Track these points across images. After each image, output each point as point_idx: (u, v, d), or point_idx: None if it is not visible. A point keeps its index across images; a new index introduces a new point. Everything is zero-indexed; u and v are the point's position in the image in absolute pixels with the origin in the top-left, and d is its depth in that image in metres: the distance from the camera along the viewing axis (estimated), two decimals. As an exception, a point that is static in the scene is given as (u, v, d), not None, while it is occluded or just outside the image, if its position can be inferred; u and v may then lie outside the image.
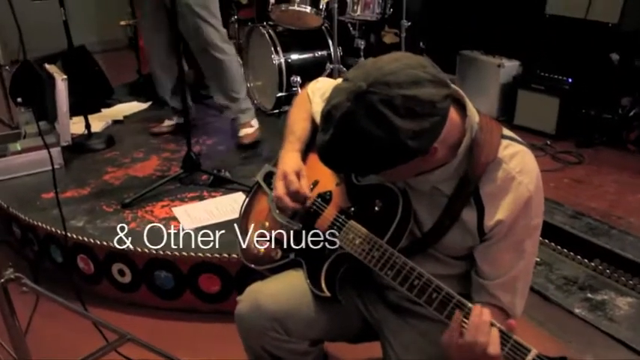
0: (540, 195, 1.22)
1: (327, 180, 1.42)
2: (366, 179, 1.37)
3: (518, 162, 1.19)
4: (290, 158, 1.43)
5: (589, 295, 2.24)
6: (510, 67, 3.63)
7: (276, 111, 3.71)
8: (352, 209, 1.35)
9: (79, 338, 2.05)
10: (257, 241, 1.48)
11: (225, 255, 2.13)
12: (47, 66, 3.32)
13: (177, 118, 3.40)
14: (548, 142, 3.29)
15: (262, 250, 1.47)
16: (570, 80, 3.34)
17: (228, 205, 2.48)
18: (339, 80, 1.17)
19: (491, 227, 1.19)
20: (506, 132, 1.26)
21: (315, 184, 1.43)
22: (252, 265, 1.48)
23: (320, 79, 1.58)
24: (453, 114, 1.14)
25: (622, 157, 3.17)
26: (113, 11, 5.45)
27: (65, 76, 3.04)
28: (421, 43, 3.92)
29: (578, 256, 2.41)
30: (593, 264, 2.36)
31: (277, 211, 1.43)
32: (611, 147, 3.28)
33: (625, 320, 2.10)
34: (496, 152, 1.19)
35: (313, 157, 1.46)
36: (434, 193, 1.24)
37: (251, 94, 3.85)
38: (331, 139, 1.08)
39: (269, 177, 1.54)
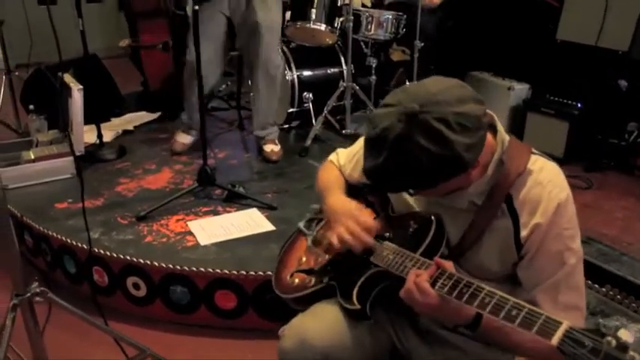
0: (571, 206, 1.24)
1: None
2: (399, 210, 1.41)
3: (547, 173, 1.24)
4: (344, 200, 1.49)
5: (600, 320, 2.26)
6: (520, 89, 3.67)
7: (287, 126, 3.74)
8: (388, 234, 1.39)
9: (94, 351, 2.07)
10: (293, 273, 1.53)
11: (243, 272, 2.14)
12: (62, 75, 3.33)
13: (196, 134, 3.33)
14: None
15: (297, 280, 1.51)
16: (580, 105, 3.38)
17: (244, 221, 2.50)
18: (359, 144, 1.26)
19: (527, 237, 1.22)
20: (535, 150, 1.31)
21: None
22: (286, 295, 1.50)
23: (338, 150, 1.69)
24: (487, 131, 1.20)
25: (629, 182, 3.22)
26: (117, 17, 5.46)
27: (81, 87, 3.07)
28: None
29: (589, 282, 2.44)
30: (604, 289, 2.39)
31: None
32: (619, 171, 3.32)
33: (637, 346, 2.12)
34: (526, 165, 1.24)
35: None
36: (469, 207, 1.28)
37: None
38: (386, 161, 1.12)
39: (310, 222, 1.64)
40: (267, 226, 2.47)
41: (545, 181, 1.22)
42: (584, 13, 3.35)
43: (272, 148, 3.29)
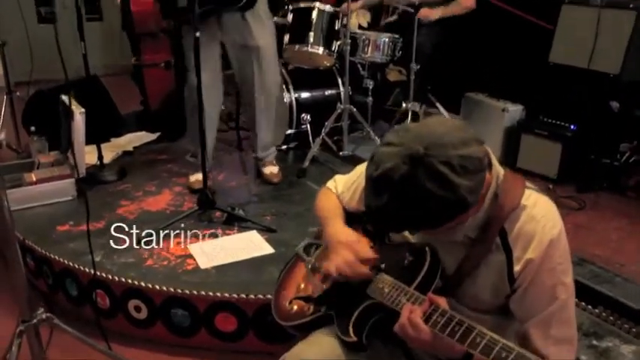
0: (564, 241, 1.27)
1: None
2: (394, 239, 1.45)
3: (541, 208, 1.26)
4: (344, 230, 1.52)
5: (594, 342, 2.29)
6: (514, 111, 3.74)
7: (284, 147, 3.79)
8: (383, 265, 1.42)
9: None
10: (292, 300, 1.57)
11: (243, 295, 2.18)
12: (64, 97, 3.38)
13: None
14: (550, 187, 3.38)
15: (295, 307, 1.55)
16: (573, 127, 3.44)
17: (243, 244, 2.54)
18: (362, 167, 1.31)
19: (520, 271, 1.25)
20: (530, 184, 1.33)
21: None
22: (284, 323, 1.54)
23: (336, 176, 1.72)
24: None
25: (622, 203, 3.26)
26: (116, 35, 5.50)
27: (83, 110, 3.11)
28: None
29: (583, 303, 2.48)
30: (597, 311, 2.43)
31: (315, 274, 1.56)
32: (612, 192, 3.37)
33: (629, 368, 2.16)
34: (520, 199, 1.26)
35: None
36: (463, 240, 1.31)
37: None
38: (390, 202, 1.14)
39: (308, 247, 1.68)
40: (267, 249, 2.52)
41: (539, 217, 1.25)
42: (575, 36, 3.42)
43: (271, 170, 3.33)
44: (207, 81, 2.84)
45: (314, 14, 3.39)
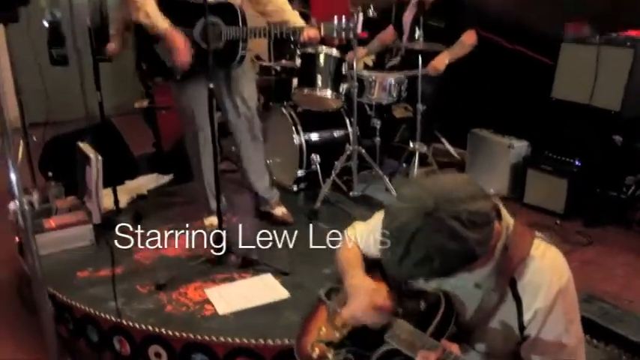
0: (572, 291, 1.35)
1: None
2: (411, 284, 1.52)
3: (549, 259, 1.34)
4: (364, 279, 1.59)
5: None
6: (520, 147, 3.81)
7: (295, 188, 3.88)
8: (400, 310, 1.49)
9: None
10: (313, 344, 1.63)
11: (261, 341, 2.23)
12: (81, 145, 3.48)
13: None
14: (558, 222, 3.44)
15: (317, 351, 1.61)
16: (577, 162, 3.51)
17: (259, 288, 2.60)
18: (380, 215, 1.37)
19: (529, 320, 1.32)
20: (539, 234, 1.41)
21: None
22: None
23: (355, 223, 1.79)
24: None
25: (629, 237, 3.31)
26: (127, 76, 5.63)
27: (100, 157, 3.21)
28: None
29: (594, 340, 2.51)
30: (608, 349, 2.46)
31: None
32: (619, 226, 3.42)
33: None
34: (529, 250, 1.34)
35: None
36: (474, 289, 1.38)
37: (270, 171, 4.03)
38: (404, 254, 1.23)
39: (330, 292, 1.74)
40: (282, 293, 2.58)
41: (547, 267, 1.32)
42: (576, 73, 3.51)
43: (282, 210, 3.44)
44: (205, 127, 2.99)
45: (321, 59, 3.49)
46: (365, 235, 1.71)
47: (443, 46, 3.74)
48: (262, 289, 2.60)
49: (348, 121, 3.87)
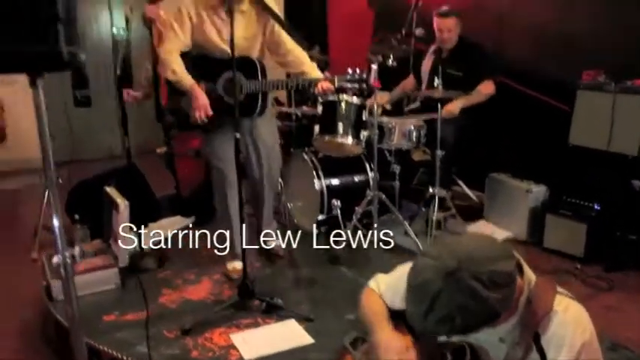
0: (595, 344, 1.38)
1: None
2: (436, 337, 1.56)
3: (572, 313, 1.38)
4: (392, 336, 1.63)
5: None
6: (538, 191, 3.85)
7: (316, 231, 3.94)
8: None
9: None
10: None
11: (287, 387, 2.27)
12: (108, 189, 3.58)
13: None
14: (578, 267, 3.44)
15: None
16: (596, 207, 3.53)
17: (283, 334, 2.64)
18: (403, 268, 1.47)
19: None
20: (561, 289, 1.45)
21: None
22: None
23: (377, 276, 1.85)
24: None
25: (651, 281, 3.31)
26: (147, 117, 5.75)
27: (127, 203, 3.30)
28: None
29: (620, 389, 2.51)
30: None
31: None
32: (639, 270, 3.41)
33: None
34: (552, 305, 1.38)
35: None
36: (499, 343, 1.42)
37: (292, 215, 4.12)
38: (428, 311, 1.28)
39: (355, 341, 1.77)
40: (307, 339, 2.61)
41: (571, 322, 1.37)
42: (593, 119, 3.56)
43: (276, 243, 3.62)
44: (230, 173, 3.16)
45: (342, 106, 3.59)
46: (389, 287, 1.76)
47: (461, 93, 3.83)
48: (287, 335, 2.63)
49: (368, 166, 3.95)
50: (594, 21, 3.79)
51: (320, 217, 3.83)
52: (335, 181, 3.87)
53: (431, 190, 3.82)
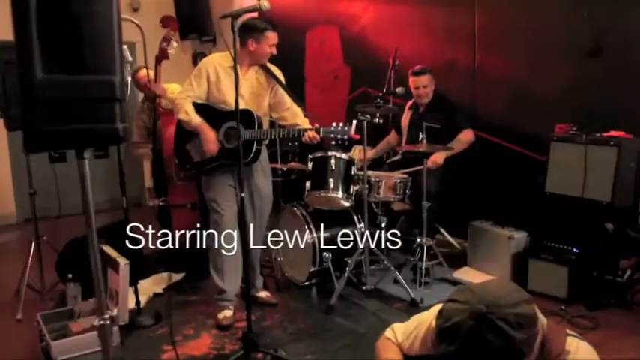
0: None
1: None
2: None
3: (583, 351, 1.53)
4: None
5: None
6: (519, 238, 4.04)
7: (307, 282, 4.05)
8: None
9: None
10: None
11: None
12: (104, 247, 3.63)
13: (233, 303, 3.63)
14: (563, 307, 3.60)
15: None
16: (576, 250, 3.73)
17: (291, 385, 2.71)
18: (420, 317, 1.67)
19: None
20: (570, 331, 1.60)
21: None
22: None
23: (393, 325, 1.95)
24: None
25: (633, 318, 3.47)
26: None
27: (127, 261, 3.36)
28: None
29: None
30: None
31: None
32: (621, 308, 3.59)
33: None
34: (564, 345, 1.52)
35: None
36: None
37: (282, 268, 4.22)
38: (460, 350, 1.41)
39: None
40: (313, 390, 2.69)
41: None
42: (567, 169, 3.79)
43: (265, 294, 3.84)
44: (232, 219, 3.50)
45: (332, 162, 3.77)
46: (405, 335, 1.86)
47: (443, 147, 4.06)
48: (294, 386, 2.70)
49: (356, 218, 4.09)
50: (560, 79, 4.09)
51: (312, 269, 3.93)
52: (326, 234, 4.00)
53: (418, 239, 3.98)
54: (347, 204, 3.88)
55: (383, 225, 4.06)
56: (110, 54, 1.27)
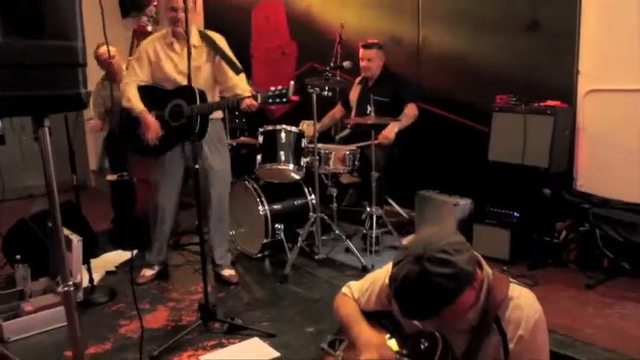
0: (544, 322, 1.66)
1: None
2: (407, 330, 1.79)
3: (524, 298, 1.66)
4: (370, 333, 1.83)
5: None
6: (464, 204, 4.22)
7: (260, 255, 4.11)
8: (404, 351, 1.76)
9: None
10: None
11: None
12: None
13: (157, 267, 3.88)
14: (505, 268, 3.80)
15: None
16: (517, 214, 3.94)
17: (252, 351, 2.78)
18: (373, 275, 1.79)
19: (514, 347, 1.61)
20: (512, 280, 1.73)
21: None
22: None
23: (349, 283, 2.05)
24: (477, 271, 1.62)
25: (568, 274, 3.70)
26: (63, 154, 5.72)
27: (80, 238, 3.34)
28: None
29: (555, 368, 2.83)
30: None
31: None
32: (557, 266, 3.82)
33: None
34: (507, 292, 1.66)
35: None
36: (466, 329, 1.67)
37: (234, 241, 4.26)
38: (417, 298, 1.52)
39: (332, 343, 1.95)
40: (273, 353, 2.76)
41: (524, 304, 1.64)
42: (507, 137, 3.98)
43: (229, 272, 3.79)
44: (168, 193, 3.66)
45: (282, 135, 3.82)
46: (361, 292, 1.97)
47: (391, 119, 4.16)
48: (255, 352, 2.77)
49: (307, 190, 4.17)
50: (500, 52, 4.27)
51: (265, 241, 3.99)
52: (277, 207, 4.06)
53: (368, 209, 4.09)
54: (297, 176, 3.95)
55: (334, 196, 4.15)
56: (72, 19, 1.28)
